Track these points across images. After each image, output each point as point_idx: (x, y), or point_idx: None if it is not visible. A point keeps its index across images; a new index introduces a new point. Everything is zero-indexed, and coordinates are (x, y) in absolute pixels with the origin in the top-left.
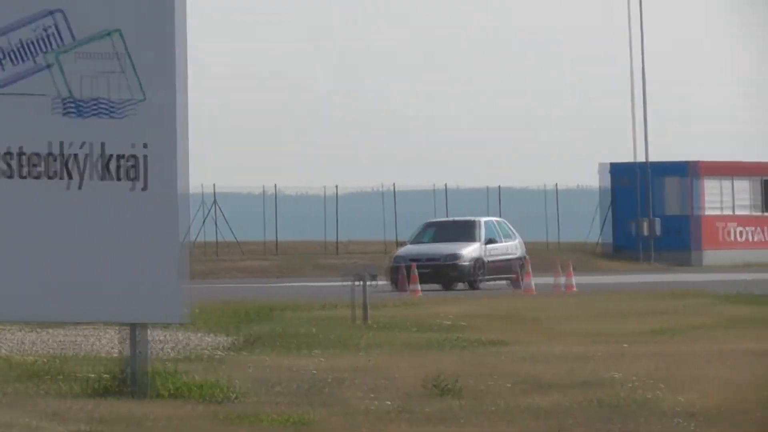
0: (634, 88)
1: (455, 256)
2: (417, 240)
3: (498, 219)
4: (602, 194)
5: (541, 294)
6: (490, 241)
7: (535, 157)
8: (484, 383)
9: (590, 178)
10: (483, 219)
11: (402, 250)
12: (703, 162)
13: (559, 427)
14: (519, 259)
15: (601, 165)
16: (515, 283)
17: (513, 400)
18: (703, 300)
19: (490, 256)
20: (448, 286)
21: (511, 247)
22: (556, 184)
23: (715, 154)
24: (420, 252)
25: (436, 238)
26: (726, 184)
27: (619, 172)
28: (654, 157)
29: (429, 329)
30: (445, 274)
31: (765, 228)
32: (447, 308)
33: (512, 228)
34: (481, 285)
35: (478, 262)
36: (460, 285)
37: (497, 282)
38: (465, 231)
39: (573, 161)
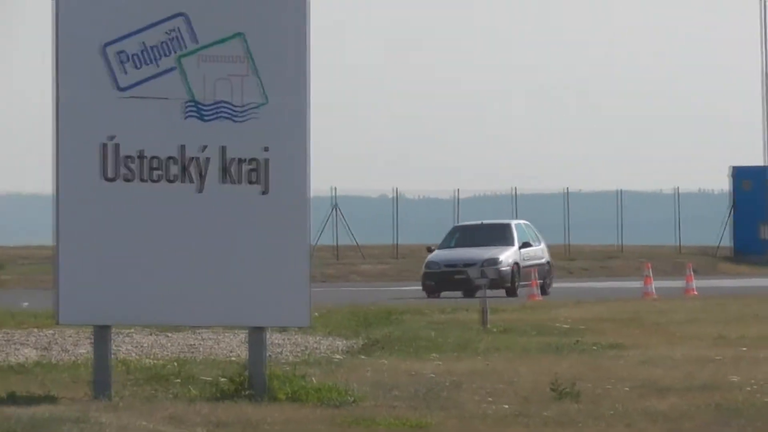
0: (765, 90)
1: (494, 261)
2: (447, 244)
3: (526, 222)
4: (734, 198)
5: (662, 297)
6: (525, 245)
7: (665, 160)
8: (602, 387)
9: (721, 182)
10: (514, 222)
11: (434, 255)
12: None
13: (676, 430)
14: (548, 263)
15: (735, 169)
16: (542, 289)
17: (631, 404)
18: None
19: (525, 260)
20: (473, 293)
21: (539, 251)
22: (678, 188)
23: None
24: (455, 257)
25: (468, 242)
26: None
27: (743, 175)
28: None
29: (548, 333)
30: (470, 280)
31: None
32: (566, 312)
33: (537, 232)
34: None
35: (516, 267)
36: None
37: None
38: (498, 234)
39: (704, 165)
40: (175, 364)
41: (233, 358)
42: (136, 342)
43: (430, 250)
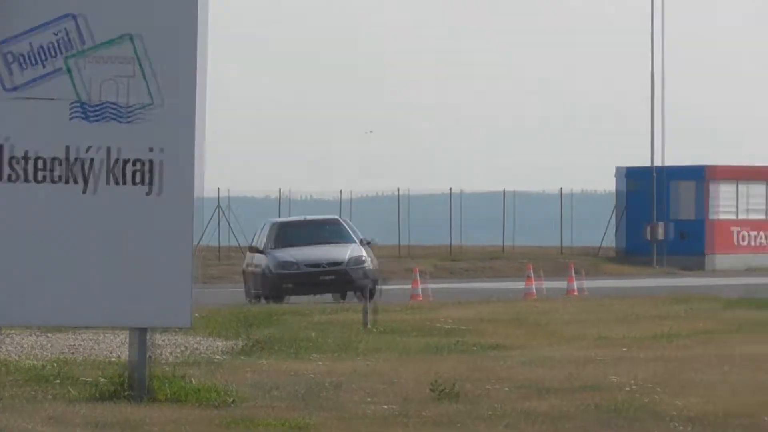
0: (654, 93)
1: (361, 260)
2: (278, 243)
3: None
4: (618, 198)
5: (545, 298)
6: (367, 242)
7: (552, 162)
8: (482, 387)
9: (607, 182)
10: (337, 217)
11: (280, 254)
12: (717, 166)
13: (556, 431)
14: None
15: (618, 169)
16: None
17: (510, 405)
18: (709, 304)
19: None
20: (344, 295)
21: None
22: (561, 189)
23: (732, 158)
24: (311, 256)
25: (302, 240)
26: (740, 188)
27: (628, 175)
28: (672, 162)
29: (429, 333)
30: (351, 280)
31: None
32: (447, 312)
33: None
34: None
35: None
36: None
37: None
38: (334, 231)
39: (590, 166)
40: (56, 364)
41: (114, 359)
42: (16, 343)
43: (257, 250)
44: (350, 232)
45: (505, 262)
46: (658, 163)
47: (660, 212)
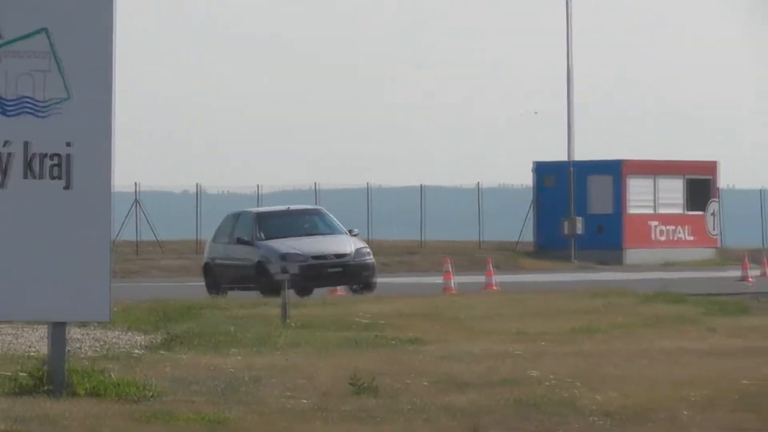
0: (570, 88)
1: (364, 252)
2: (268, 234)
3: None
4: (536, 193)
5: (462, 293)
6: (355, 234)
7: (467, 155)
8: (401, 382)
9: (524, 177)
10: (320, 207)
11: (278, 246)
12: (634, 161)
13: (475, 426)
14: None
15: (535, 164)
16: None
17: (429, 399)
18: (627, 299)
19: None
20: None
21: None
22: (479, 183)
23: (646, 153)
24: (316, 248)
25: (291, 231)
26: (657, 183)
27: (545, 170)
28: (591, 157)
29: (348, 328)
30: (357, 273)
31: (688, 227)
32: (366, 307)
33: None
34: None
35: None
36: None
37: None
38: (321, 222)
39: (507, 160)
40: None
41: (33, 354)
42: None
43: (243, 241)
44: (336, 223)
45: (422, 257)
46: (576, 157)
47: (577, 207)
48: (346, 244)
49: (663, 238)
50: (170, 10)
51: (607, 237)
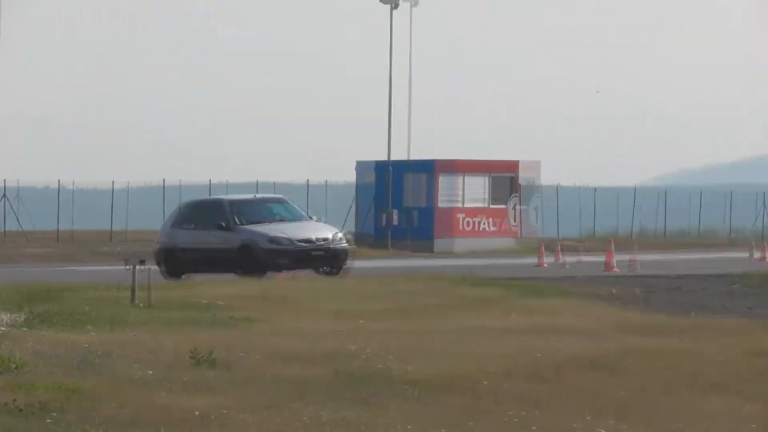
0: (391, 95)
1: (340, 237)
2: (244, 220)
3: None
4: (358, 189)
5: (292, 278)
6: (323, 221)
7: (296, 154)
8: (235, 355)
9: (351, 175)
10: (282, 196)
11: (263, 230)
12: (440, 161)
13: (301, 393)
14: None
15: (358, 163)
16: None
17: (260, 370)
18: (438, 283)
19: None
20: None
21: None
22: (308, 180)
23: (467, 152)
24: (301, 233)
25: (264, 218)
26: (460, 180)
27: (367, 168)
28: (414, 156)
29: (190, 308)
30: (336, 256)
31: (492, 219)
32: (206, 290)
33: None
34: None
35: None
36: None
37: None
38: (288, 210)
39: (334, 159)
40: None
41: None
42: None
43: (220, 227)
44: (299, 210)
45: None
46: (397, 156)
47: (395, 201)
48: (326, 230)
49: (469, 229)
50: None
51: (421, 228)
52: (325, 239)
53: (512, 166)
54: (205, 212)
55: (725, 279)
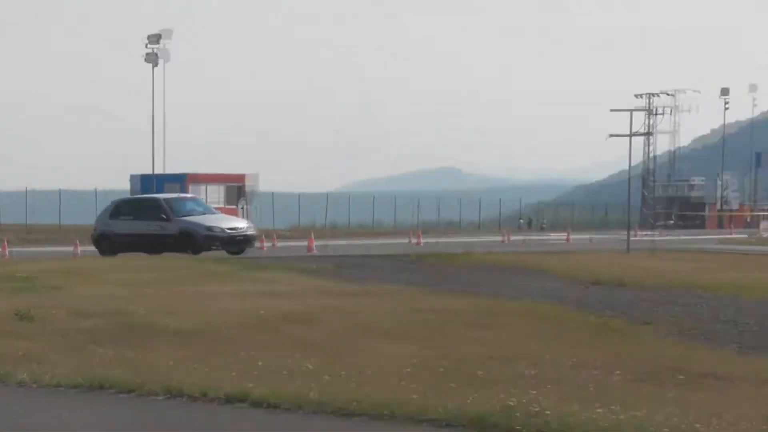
0: (155, 114)
1: (251, 227)
2: (177, 213)
3: None
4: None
5: (88, 257)
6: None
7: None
8: (48, 313)
9: (126, 184)
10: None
11: (200, 221)
12: (190, 174)
13: (94, 340)
14: None
15: (131, 175)
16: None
17: (66, 324)
18: (190, 261)
19: None
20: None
21: None
22: (96, 188)
23: (209, 166)
24: (226, 223)
25: (188, 212)
26: (204, 187)
27: (136, 180)
28: (169, 170)
29: (12, 280)
30: (249, 240)
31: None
32: (23, 266)
33: None
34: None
35: None
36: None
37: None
38: (201, 206)
39: (112, 170)
40: None
41: None
42: None
43: (161, 218)
44: (209, 206)
45: (65, 236)
46: (160, 170)
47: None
48: (242, 222)
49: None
50: None
51: None
52: (243, 228)
53: (240, 178)
54: (143, 207)
55: (393, 258)
